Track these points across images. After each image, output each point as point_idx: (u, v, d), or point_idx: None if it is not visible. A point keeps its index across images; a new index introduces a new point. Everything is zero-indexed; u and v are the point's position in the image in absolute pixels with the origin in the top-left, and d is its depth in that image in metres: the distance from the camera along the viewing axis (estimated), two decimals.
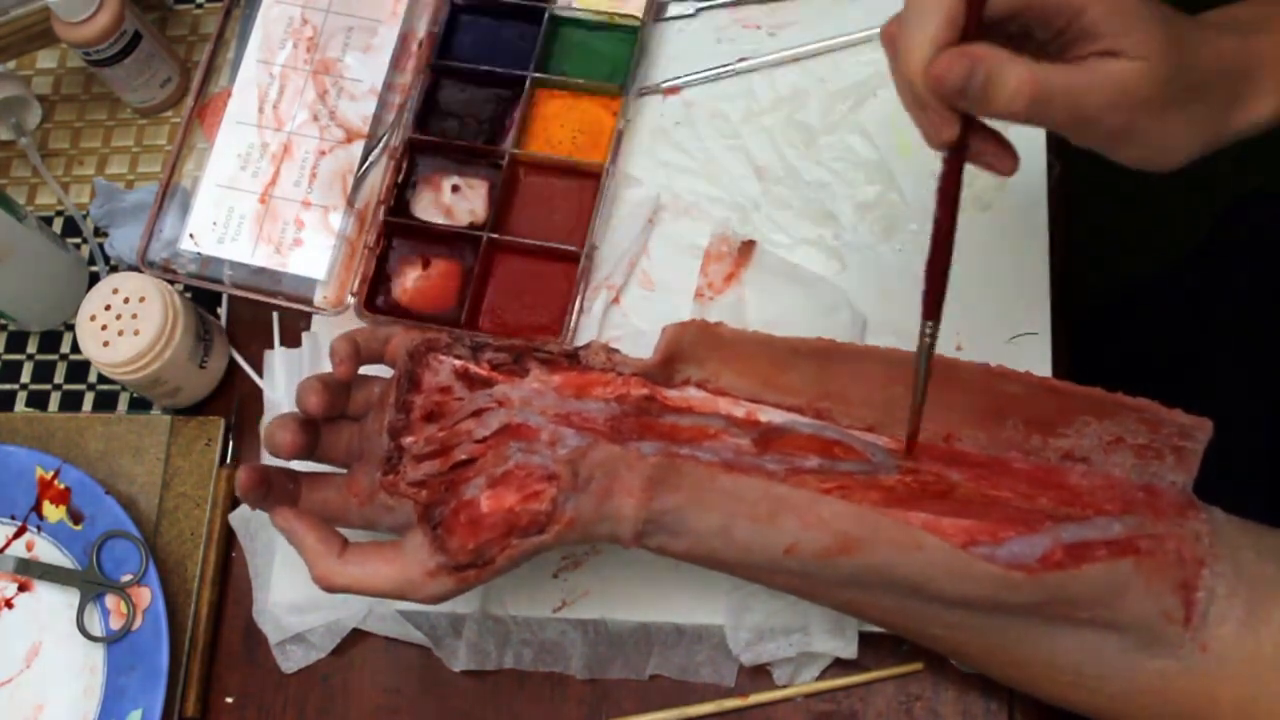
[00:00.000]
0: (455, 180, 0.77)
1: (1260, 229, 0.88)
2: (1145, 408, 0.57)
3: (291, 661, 0.71)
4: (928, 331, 0.54)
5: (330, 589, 0.60)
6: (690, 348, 0.61)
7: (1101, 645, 0.55)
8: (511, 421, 0.60)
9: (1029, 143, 0.73)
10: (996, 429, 0.59)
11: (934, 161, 0.74)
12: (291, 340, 0.77)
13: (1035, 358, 0.69)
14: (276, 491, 0.62)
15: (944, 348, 0.69)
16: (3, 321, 0.81)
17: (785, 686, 0.67)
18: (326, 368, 0.75)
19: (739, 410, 0.61)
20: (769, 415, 0.61)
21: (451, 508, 0.58)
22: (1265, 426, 0.81)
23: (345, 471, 0.64)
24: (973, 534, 0.55)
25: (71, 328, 0.80)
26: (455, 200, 0.77)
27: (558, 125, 0.78)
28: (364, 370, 0.64)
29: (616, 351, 0.62)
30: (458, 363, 0.61)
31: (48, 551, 0.73)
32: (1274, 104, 0.54)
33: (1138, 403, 0.57)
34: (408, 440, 0.60)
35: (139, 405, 0.79)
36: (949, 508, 0.57)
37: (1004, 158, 0.53)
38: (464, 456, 0.59)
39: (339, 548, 0.60)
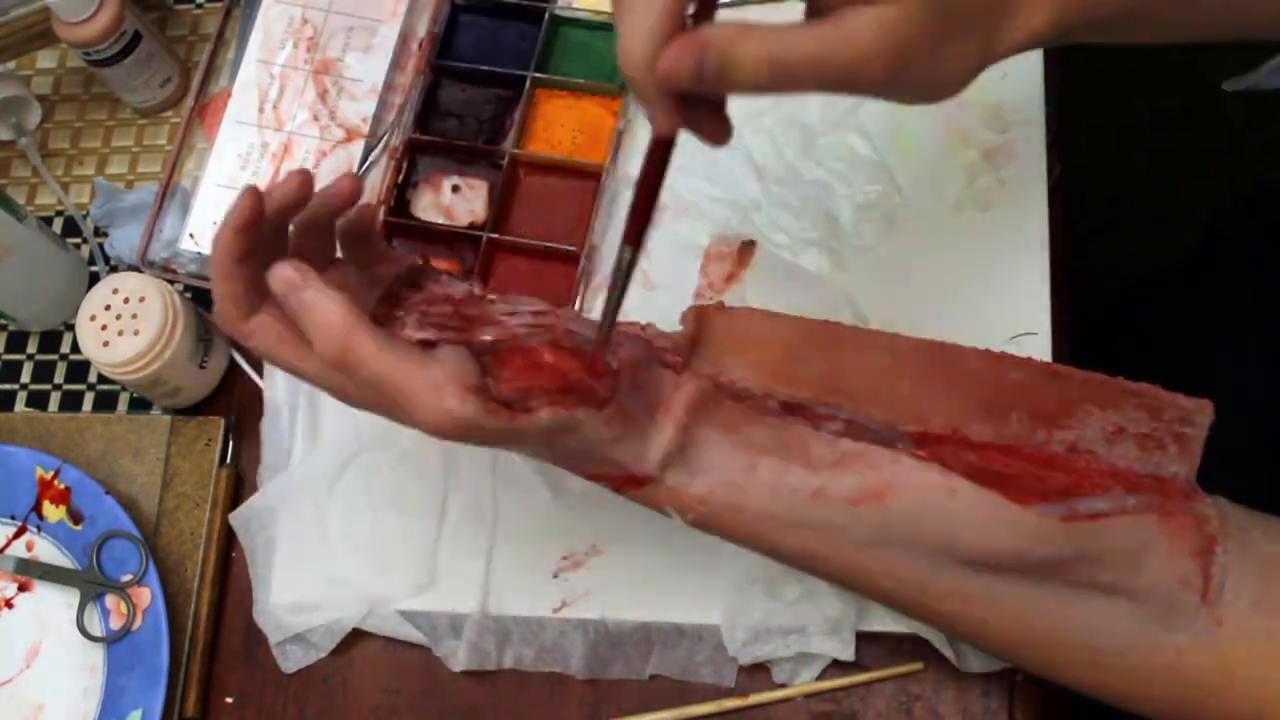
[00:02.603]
0: (455, 180, 0.77)
1: (1257, 226, 0.88)
2: (1146, 392, 0.57)
3: (291, 661, 0.71)
4: (626, 256, 0.54)
5: (344, 360, 0.51)
6: (708, 334, 0.59)
7: (1119, 618, 0.54)
8: (557, 325, 0.56)
9: (1029, 142, 0.73)
10: (1002, 423, 0.59)
11: (934, 161, 0.74)
12: None
13: (1035, 357, 0.69)
14: (252, 261, 0.54)
15: None
16: (3, 321, 0.81)
17: (785, 686, 0.67)
18: None
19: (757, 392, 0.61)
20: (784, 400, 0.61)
21: (509, 346, 0.53)
22: (1266, 424, 0.81)
23: None
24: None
25: (71, 328, 0.80)
26: (455, 200, 0.77)
27: (558, 125, 0.78)
28: None
29: (651, 324, 0.60)
30: (476, 290, 0.58)
31: (48, 551, 0.73)
32: (1048, 16, 0.53)
33: (1138, 387, 0.57)
34: (400, 314, 0.55)
35: (139, 405, 0.79)
36: (970, 479, 0.56)
37: (718, 132, 0.53)
38: (491, 337, 0.54)
39: (367, 318, 0.51)
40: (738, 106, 0.77)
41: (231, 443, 0.76)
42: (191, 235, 0.76)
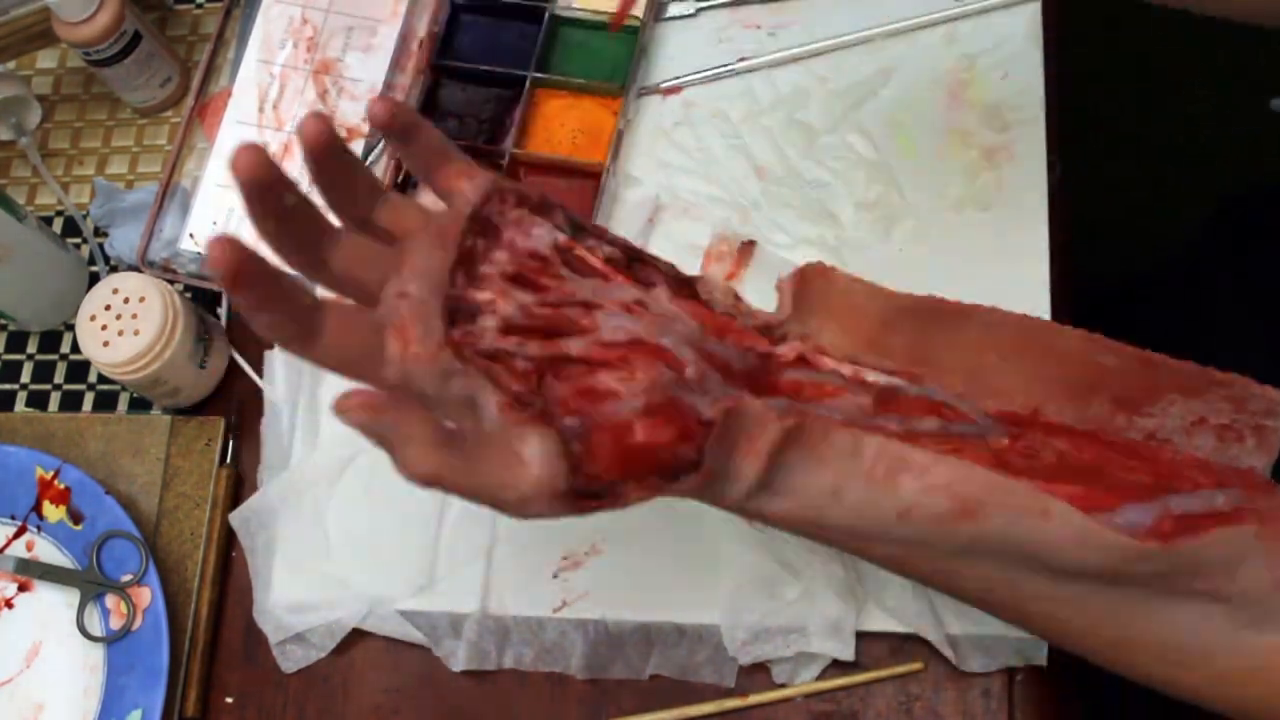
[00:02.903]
0: None
1: (1252, 225, 0.88)
2: (1235, 382, 0.56)
3: (291, 661, 0.71)
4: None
5: (431, 484, 0.47)
6: (804, 297, 0.56)
7: (1210, 620, 0.53)
8: (650, 340, 0.49)
9: (1029, 142, 0.73)
10: (1083, 406, 0.57)
11: (934, 161, 0.74)
12: None
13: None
14: (286, 305, 0.45)
15: None
16: (3, 321, 0.81)
17: (785, 686, 0.67)
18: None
19: (845, 369, 0.57)
20: (872, 377, 0.57)
21: (597, 424, 0.47)
22: None
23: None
24: (1085, 501, 0.52)
25: (71, 328, 0.80)
26: None
27: (558, 125, 0.78)
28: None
29: (740, 299, 0.56)
30: (561, 237, 0.49)
31: (48, 551, 0.73)
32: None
33: (1227, 378, 0.56)
34: (483, 296, 0.46)
35: (139, 405, 0.79)
36: (1058, 474, 0.54)
37: None
38: (580, 354, 0.48)
39: (445, 435, 0.47)
40: (737, 105, 0.78)
41: (231, 443, 0.76)
42: (191, 235, 0.76)
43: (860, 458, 0.51)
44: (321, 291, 0.49)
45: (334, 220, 0.50)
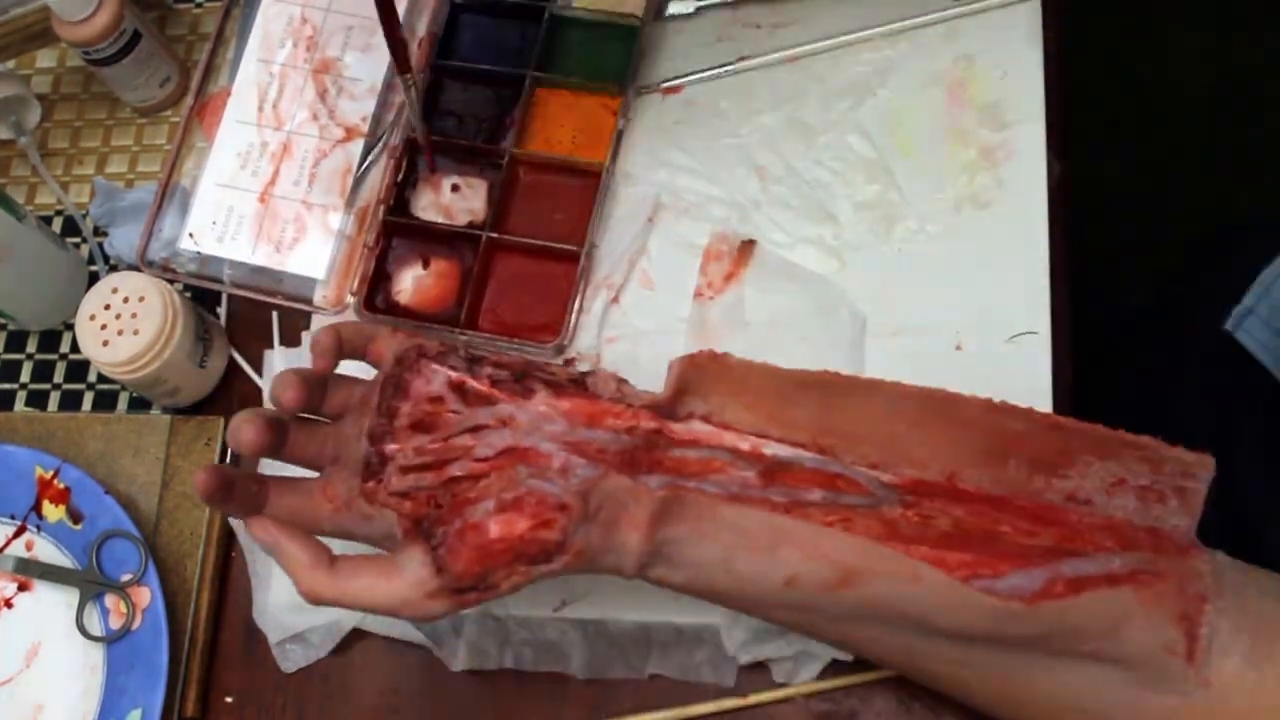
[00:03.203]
0: (455, 179, 0.77)
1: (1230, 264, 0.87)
2: (1146, 445, 0.57)
3: (291, 661, 0.71)
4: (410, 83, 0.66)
5: (317, 603, 0.57)
6: (698, 381, 0.60)
7: (1105, 681, 0.54)
8: (519, 444, 0.58)
9: (1028, 142, 0.74)
10: (999, 469, 0.59)
11: (933, 160, 0.74)
12: (291, 340, 0.77)
13: (1034, 357, 0.69)
14: (239, 495, 0.58)
15: (944, 347, 0.70)
16: (2, 321, 0.81)
17: (785, 686, 0.67)
18: None
19: (744, 444, 0.61)
20: (774, 449, 0.61)
21: (456, 529, 0.55)
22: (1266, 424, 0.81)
23: (315, 475, 0.61)
24: (974, 567, 0.55)
25: (71, 327, 0.80)
26: (455, 200, 0.77)
27: (558, 124, 0.78)
28: (347, 370, 0.61)
29: (625, 382, 0.61)
30: (453, 374, 0.59)
31: (47, 551, 0.73)
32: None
33: (1139, 440, 0.57)
34: (391, 448, 0.58)
35: (139, 405, 0.79)
36: (951, 541, 0.57)
37: None
38: (460, 473, 0.57)
39: (327, 560, 0.57)
40: (736, 105, 0.78)
41: None
42: (191, 235, 0.76)
43: (745, 531, 0.56)
44: None
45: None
